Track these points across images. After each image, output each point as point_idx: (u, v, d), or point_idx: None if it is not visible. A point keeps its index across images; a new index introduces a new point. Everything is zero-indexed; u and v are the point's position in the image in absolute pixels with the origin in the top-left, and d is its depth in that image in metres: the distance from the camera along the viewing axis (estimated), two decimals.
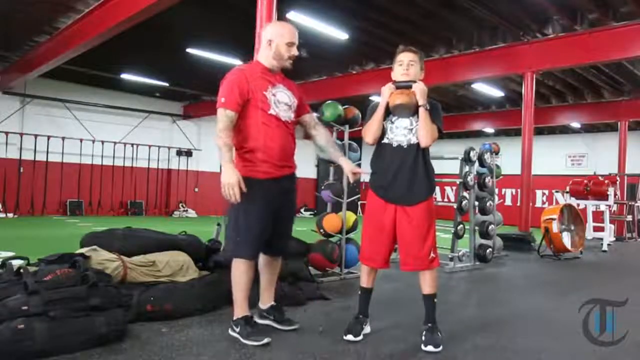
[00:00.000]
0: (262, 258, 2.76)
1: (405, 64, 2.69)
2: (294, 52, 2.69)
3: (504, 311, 3.65)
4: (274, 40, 2.64)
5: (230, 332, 2.63)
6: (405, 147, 2.64)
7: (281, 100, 2.65)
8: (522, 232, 8.02)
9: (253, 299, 2.78)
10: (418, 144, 2.63)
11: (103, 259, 2.98)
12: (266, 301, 2.86)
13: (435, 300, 2.65)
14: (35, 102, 12.40)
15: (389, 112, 2.70)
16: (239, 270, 2.58)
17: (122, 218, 12.47)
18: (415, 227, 2.60)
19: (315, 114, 2.93)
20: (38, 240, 7.29)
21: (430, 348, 2.51)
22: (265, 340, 2.50)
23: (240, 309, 2.60)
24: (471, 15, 7.62)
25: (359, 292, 2.79)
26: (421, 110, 2.60)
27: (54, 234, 8.38)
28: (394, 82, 2.71)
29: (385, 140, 2.71)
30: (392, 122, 2.70)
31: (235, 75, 2.58)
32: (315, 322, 3.05)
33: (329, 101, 4.57)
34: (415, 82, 2.66)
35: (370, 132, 2.69)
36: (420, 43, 9.00)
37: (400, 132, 2.67)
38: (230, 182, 2.41)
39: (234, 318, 2.62)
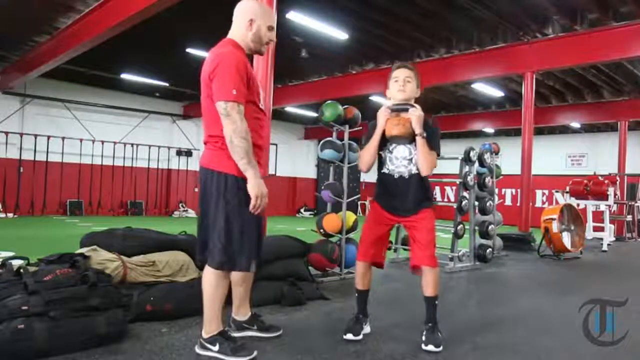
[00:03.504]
0: None
1: (402, 81, 2.66)
2: (273, 37, 2.40)
3: (504, 311, 3.65)
4: (256, 20, 2.32)
5: (200, 351, 2.31)
6: (407, 177, 2.66)
7: (261, 91, 2.43)
8: (522, 232, 8.02)
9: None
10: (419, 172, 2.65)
11: (103, 259, 2.97)
12: (245, 312, 2.62)
13: (437, 302, 2.65)
14: (35, 102, 12.40)
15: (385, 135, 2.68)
16: (215, 283, 2.28)
17: (122, 218, 12.48)
18: (421, 233, 2.64)
19: None
20: (38, 240, 7.29)
21: (431, 347, 2.51)
22: (255, 354, 2.29)
23: (215, 325, 2.30)
24: (471, 15, 7.62)
25: (356, 295, 2.79)
26: (418, 140, 2.58)
27: (54, 234, 8.38)
28: (389, 106, 2.68)
29: (385, 171, 2.72)
30: (391, 152, 2.69)
31: (238, 59, 2.22)
32: (315, 322, 3.06)
33: (329, 101, 4.57)
34: (412, 105, 2.63)
35: (365, 161, 2.70)
36: (420, 43, 9.03)
37: (400, 162, 2.67)
38: (266, 193, 2.19)
39: (207, 336, 2.30)
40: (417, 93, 2.71)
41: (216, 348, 2.27)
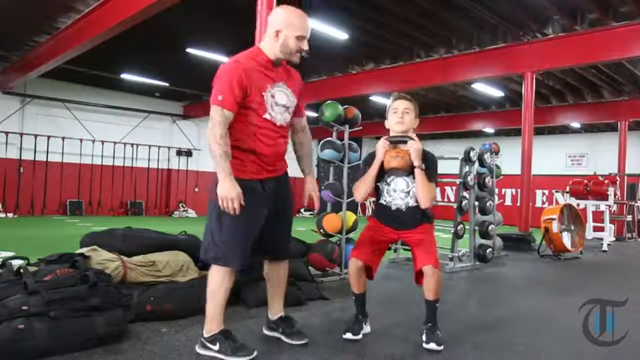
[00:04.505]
0: (266, 265, 2.57)
1: (400, 112, 2.67)
2: (305, 46, 2.35)
3: (504, 311, 3.65)
4: (282, 31, 2.30)
5: (201, 351, 2.32)
6: (404, 210, 2.67)
7: (279, 102, 2.37)
8: (522, 232, 8.02)
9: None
10: (417, 204, 2.65)
11: (103, 259, 2.98)
12: (275, 311, 2.61)
13: (437, 304, 2.64)
14: (35, 102, 12.40)
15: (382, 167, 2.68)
16: (217, 280, 2.30)
17: (122, 218, 12.47)
18: (422, 240, 2.66)
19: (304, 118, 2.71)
20: (38, 240, 7.28)
21: (432, 346, 2.51)
22: (255, 354, 2.28)
23: (216, 323, 2.31)
24: (471, 15, 7.62)
25: (353, 297, 2.79)
26: (417, 172, 2.59)
27: (54, 234, 8.38)
28: (388, 138, 2.68)
29: (382, 202, 2.73)
30: (388, 184, 2.70)
31: (234, 69, 2.26)
32: (315, 322, 3.06)
33: (329, 101, 4.57)
34: (410, 137, 2.63)
35: (361, 191, 2.70)
36: (420, 43, 9.03)
37: (398, 195, 2.68)
38: (231, 196, 2.16)
39: (208, 335, 2.31)
40: (415, 124, 2.72)
41: (216, 347, 2.27)
